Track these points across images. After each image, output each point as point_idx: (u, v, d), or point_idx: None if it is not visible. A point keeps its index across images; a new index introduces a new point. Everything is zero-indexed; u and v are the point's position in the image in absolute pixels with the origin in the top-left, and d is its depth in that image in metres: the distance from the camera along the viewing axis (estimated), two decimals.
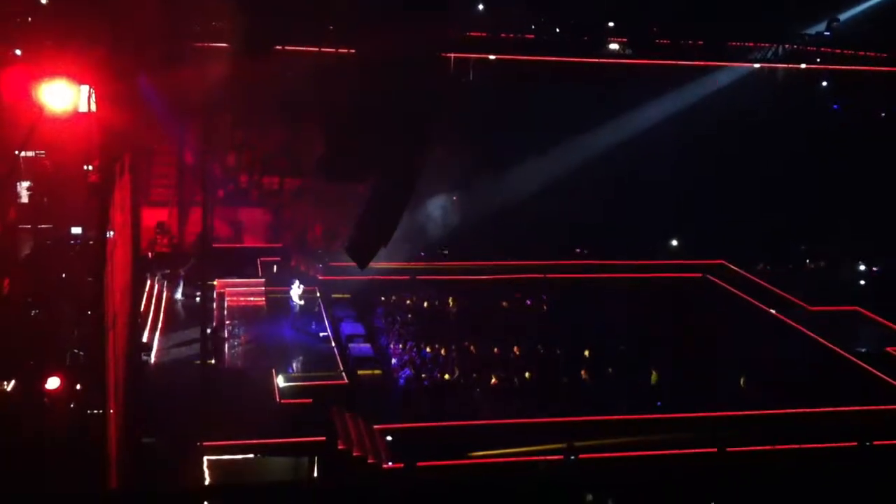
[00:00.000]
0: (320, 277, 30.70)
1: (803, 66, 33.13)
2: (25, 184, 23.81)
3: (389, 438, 21.71)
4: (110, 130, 15.44)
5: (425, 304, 30.18)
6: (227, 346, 24.77)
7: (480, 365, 25.52)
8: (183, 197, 33.54)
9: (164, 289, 28.09)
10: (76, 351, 19.60)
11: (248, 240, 33.37)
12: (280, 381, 22.68)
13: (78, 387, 15.35)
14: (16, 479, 15.28)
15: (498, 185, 35.28)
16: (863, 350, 28.35)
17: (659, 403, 24.32)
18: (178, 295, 27.89)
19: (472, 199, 35.20)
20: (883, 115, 38.71)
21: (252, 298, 28.01)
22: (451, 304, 30.23)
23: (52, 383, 18.59)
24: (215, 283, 27.99)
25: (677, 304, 31.43)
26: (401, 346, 26.41)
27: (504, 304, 30.90)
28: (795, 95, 36.00)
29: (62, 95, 19.66)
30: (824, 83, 37.34)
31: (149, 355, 23.08)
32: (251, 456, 19.81)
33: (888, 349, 28.45)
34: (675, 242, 37.35)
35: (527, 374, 25.23)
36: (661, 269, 34.88)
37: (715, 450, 21.56)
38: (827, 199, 35.64)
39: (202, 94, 26.26)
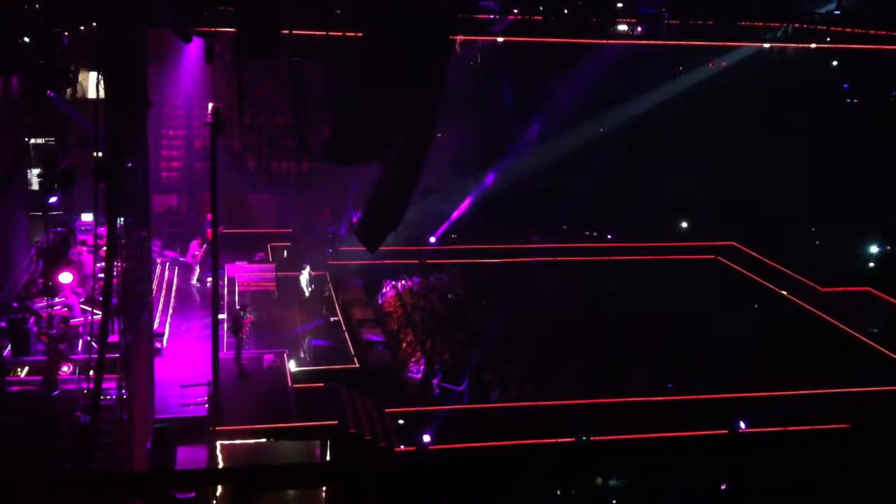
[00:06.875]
0: (330, 262, 30.70)
1: (813, 45, 32.87)
2: (36, 171, 23.79)
3: (401, 422, 21.79)
4: (119, 115, 15.41)
5: (436, 287, 30.16)
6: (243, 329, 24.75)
7: (490, 346, 25.53)
8: (192, 182, 33.58)
9: (176, 274, 28.11)
10: (88, 338, 19.64)
11: (256, 224, 33.34)
12: (292, 366, 22.75)
13: (90, 373, 15.41)
14: (29, 463, 15.37)
15: (505, 170, 35.20)
16: (874, 330, 28.30)
17: (669, 385, 24.33)
18: (194, 280, 27.89)
19: (480, 184, 35.17)
20: (894, 93, 38.44)
21: (263, 283, 28.02)
22: (460, 286, 30.20)
23: (65, 369, 18.68)
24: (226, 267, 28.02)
25: (689, 285, 31.32)
26: (411, 329, 26.43)
27: (513, 284, 30.83)
28: (804, 74, 35.81)
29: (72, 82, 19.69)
30: (834, 62, 37.10)
31: (161, 341, 23.12)
32: (263, 440, 19.90)
33: None
34: (684, 224, 37.25)
35: (535, 354, 25.24)
36: (673, 250, 34.80)
37: (726, 431, 21.61)
38: (838, 180, 35.43)
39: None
